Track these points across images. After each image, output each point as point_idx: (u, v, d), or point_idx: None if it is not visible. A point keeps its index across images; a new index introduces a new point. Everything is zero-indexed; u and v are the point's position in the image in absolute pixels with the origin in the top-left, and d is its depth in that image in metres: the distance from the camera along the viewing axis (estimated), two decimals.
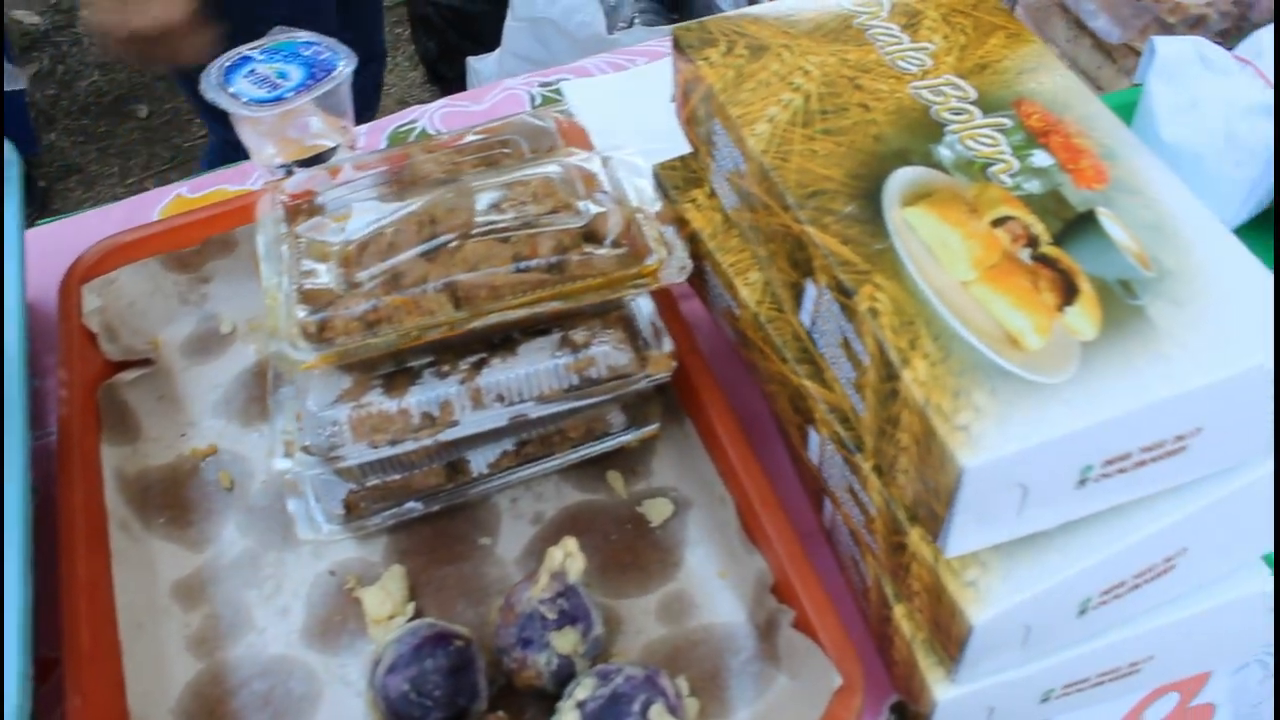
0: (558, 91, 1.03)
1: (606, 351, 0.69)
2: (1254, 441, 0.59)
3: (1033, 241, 0.59)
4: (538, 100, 1.03)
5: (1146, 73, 0.85)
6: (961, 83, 0.68)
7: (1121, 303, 0.56)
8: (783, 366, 0.67)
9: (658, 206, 0.72)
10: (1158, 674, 0.68)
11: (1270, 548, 0.65)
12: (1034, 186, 0.62)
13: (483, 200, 0.71)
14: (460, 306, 0.68)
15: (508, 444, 0.74)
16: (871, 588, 0.66)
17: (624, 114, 0.95)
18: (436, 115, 1.03)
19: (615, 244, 0.69)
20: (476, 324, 0.67)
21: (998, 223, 0.60)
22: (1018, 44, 0.71)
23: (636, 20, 2.26)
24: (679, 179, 0.77)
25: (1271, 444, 0.59)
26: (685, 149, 0.79)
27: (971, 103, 0.67)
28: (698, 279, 0.77)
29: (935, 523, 0.55)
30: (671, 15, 2.30)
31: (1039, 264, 0.58)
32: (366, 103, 1.76)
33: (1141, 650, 0.65)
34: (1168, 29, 0.89)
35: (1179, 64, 0.84)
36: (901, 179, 0.62)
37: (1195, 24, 0.88)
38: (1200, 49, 0.85)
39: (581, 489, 0.78)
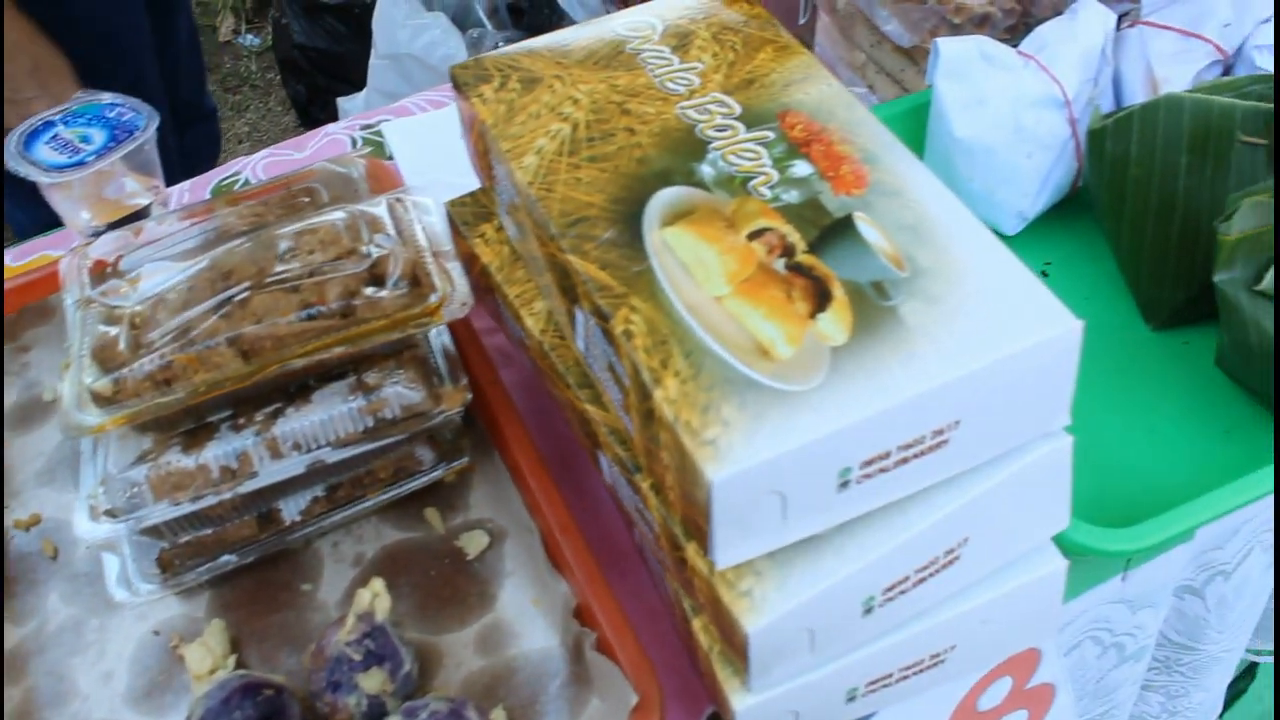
0: (379, 133, 1.04)
1: (399, 391, 0.70)
2: (1020, 428, 0.60)
3: (788, 251, 0.60)
4: (360, 144, 1.03)
5: (934, 74, 0.86)
6: (728, 99, 0.69)
7: (874, 305, 0.57)
8: (569, 392, 0.68)
9: (445, 244, 0.73)
10: (966, 662, 0.69)
11: (1063, 527, 0.66)
12: (792, 197, 0.63)
13: (275, 251, 0.72)
14: (248, 359, 0.68)
15: (318, 490, 0.74)
16: (675, 603, 0.66)
17: (440, 151, 0.95)
18: (259, 166, 1.03)
19: (399, 285, 0.69)
20: (263, 376, 0.67)
21: (754, 235, 0.61)
22: (786, 57, 0.72)
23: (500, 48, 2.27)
24: (469, 215, 0.78)
25: (1049, 427, 0.60)
26: None
27: (736, 118, 0.68)
28: (496, 312, 0.78)
29: (702, 537, 0.55)
30: None
31: (793, 273, 0.59)
32: (204, 159, 1.77)
33: (940, 642, 0.66)
34: (955, 30, 0.91)
35: (963, 63, 0.86)
36: (662, 200, 0.63)
37: (981, 23, 0.91)
38: (982, 47, 0.87)
39: (400, 527, 0.78)
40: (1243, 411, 0.83)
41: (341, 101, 2.22)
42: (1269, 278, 0.75)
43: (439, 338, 0.76)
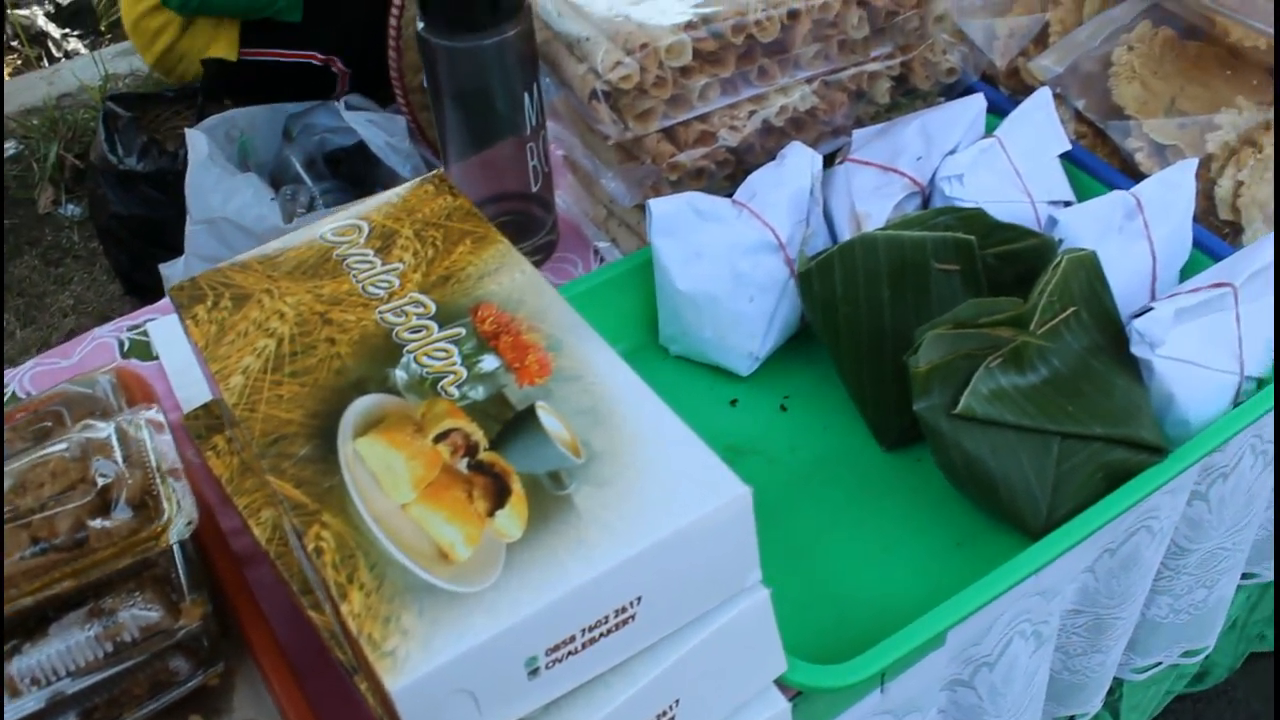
0: (145, 333, 1.06)
1: (136, 614, 0.71)
2: (709, 592, 0.64)
3: (471, 450, 0.64)
4: (127, 346, 1.05)
5: (651, 232, 0.91)
6: (424, 298, 0.73)
7: (550, 495, 0.61)
8: (296, 598, 0.70)
9: (174, 462, 0.75)
10: None
11: (780, 670, 0.70)
12: (479, 393, 0.67)
13: (8, 486, 0.73)
14: None
15: (71, 717, 0.75)
16: None
17: None
18: (26, 377, 1.05)
19: (125, 511, 0.71)
20: None
21: (441, 437, 0.64)
22: (483, 248, 0.77)
23: (319, 203, 2.30)
24: (202, 427, 0.80)
25: (741, 585, 0.64)
26: None
27: (431, 317, 0.72)
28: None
29: None
30: (355, 190, 2.35)
31: (475, 472, 0.62)
32: None
33: None
34: (674, 185, 0.96)
35: (676, 220, 0.92)
36: (356, 410, 0.67)
37: (697, 176, 0.96)
38: (694, 203, 0.92)
39: None
40: (972, 523, 0.87)
41: (163, 268, 2.23)
42: (964, 400, 0.80)
43: (176, 551, 0.77)
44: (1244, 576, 1.39)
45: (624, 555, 0.58)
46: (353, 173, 2.37)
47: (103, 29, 3.49)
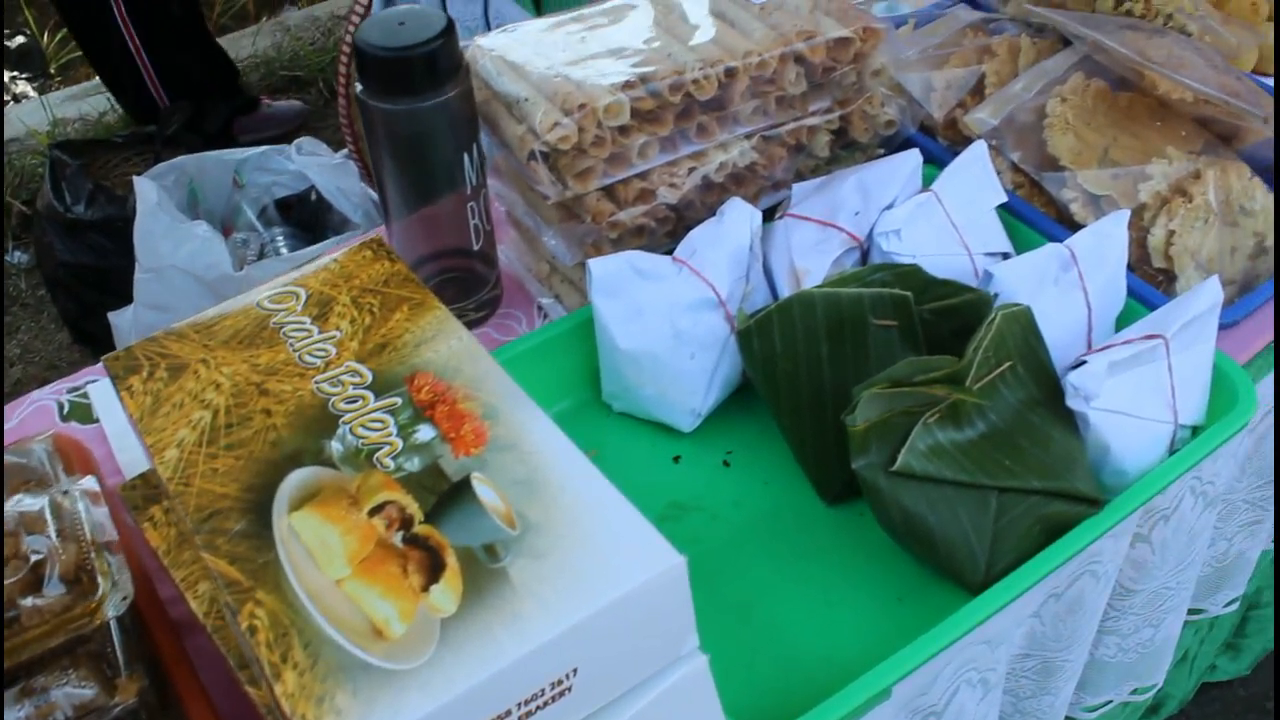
0: (86, 395, 1.05)
1: (69, 692, 0.71)
2: (645, 661, 0.64)
3: (406, 523, 0.64)
4: (67, 408, 1.05)
5: (591, 291, 0.92)
6: (360, 367, 0.73)
7: (484, 569, 0.61)
8: (234, 673, 0.70)
9: (110, 535, 0.74)
10: None
11: None
12: (414, 465, 0.67)
13: None
14: None
15: None
16: None
17: None
18: None
19: (58, 587, 0.71)
20: None
21: (375, 510, 0.64)
22: (420, 314, 0.77)
23: (280, 247, 2.29)
24: (139, 498, 0.80)
25: (678, 652, 0.64)
26: None
27: (367, 387, 0.72)
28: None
29: None
30: (307, 235, 2.34)
31: (409, 546, 0.62)
32: None
33: None
34: (615, 244, 0.97)
35: (616, 279, 0.92)
36: (292, 483, 0.66)
37: (638, 234, 0.97)
38: (633, 262, 0.92)
39: None
40: (915, 576, 0.88)
41: (112, 316, 2.22)
42: (901, 457, 0.81)
43: (113, 624, 0.77)
44: (1191, 612, 1.41)
45: (559, 629, 0.59)
46: (304, 218, 2.37)
47: (52, 72, 3.47)
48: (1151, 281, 1.04)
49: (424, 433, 0.68)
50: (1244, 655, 1.76)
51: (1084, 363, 0.86)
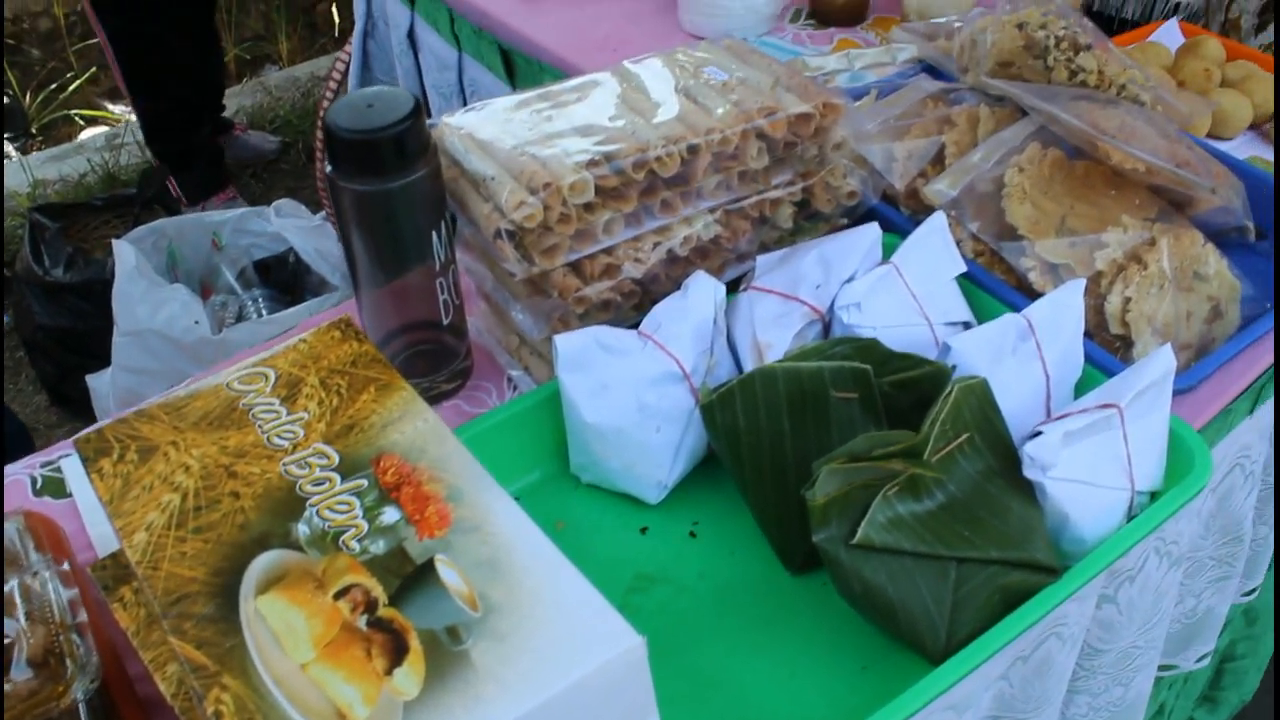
0: (59, 469, 1.06)
1: None
2: None
3: (371, 606, 0.65)
4: (39, 483, 1.05)
5: (558, 366, 0.93)
6: (328, 449, 0.74)
7: (447, 651, 0.62)
8: None
9: (80, 615, 0.75)
10: None
11: None
12: (379, 547, 0.68)
13: None
14: None
15: None
16: None
17: None
18: None
19: (26, 670, 0.72)
20: None
21: (341, 593, 0.65)
22: (387, 395, 0.78)
23: (249, 311, 2.31)
24: (109, 578, 0.81)
25: None
26: None
27: (334, 469, 0.73)
28: None
29: None
30: (286, 297, 2.36)
31: (373, 629, 0.64)
32: None
33: None
34: (582, 319, 0.99)
35: (582, 354, 0.94)
36: (259, 566, 0.68)
37: (604, 308, 0.98)
38: (599, 338, 0.94)
39: None
40: (879, 645, 0.89)
41: (90, 379, 2.22)
42: (861, 530, 0.82)
43: (81, 699, 0.77)
44: (1164, 668, 1.42)
45: (519, 711, 0.60)
46: (282, 280, 2.38)
47: (34, 131, 3.49)
48: (1109, 348, 1.06)
49: (389, 515, 0.70)
50: (1221, 708, 1.78)
51: (1040, 433, 0.88)
